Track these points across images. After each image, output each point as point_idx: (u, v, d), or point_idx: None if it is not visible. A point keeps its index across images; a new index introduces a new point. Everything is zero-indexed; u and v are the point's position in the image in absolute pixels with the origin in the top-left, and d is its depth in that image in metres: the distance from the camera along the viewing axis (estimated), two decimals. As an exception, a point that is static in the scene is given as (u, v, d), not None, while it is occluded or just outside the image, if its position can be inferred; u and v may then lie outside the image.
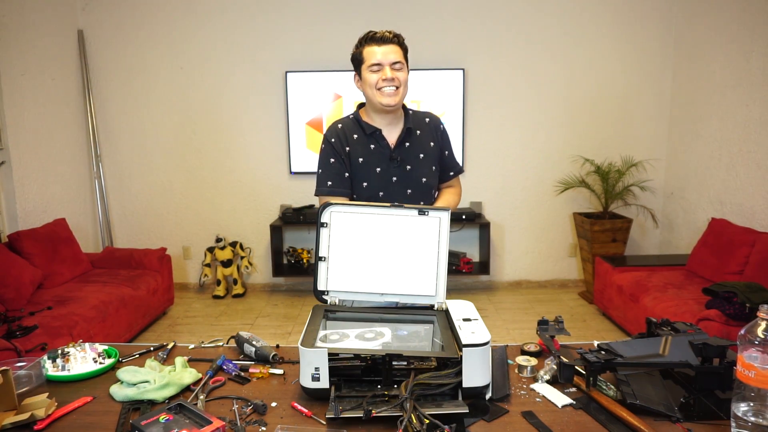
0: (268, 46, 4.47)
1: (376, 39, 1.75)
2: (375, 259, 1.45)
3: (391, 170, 1.82)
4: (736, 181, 3.74)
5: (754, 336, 0.98)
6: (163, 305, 4.13)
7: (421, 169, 1.85)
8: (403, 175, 1.83)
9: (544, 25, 4.44)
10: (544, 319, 1.43)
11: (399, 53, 1.77)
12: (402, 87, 1.77)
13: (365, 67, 1.77)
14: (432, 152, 1.88)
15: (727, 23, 3.80)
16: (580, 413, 1.15)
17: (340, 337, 1.32)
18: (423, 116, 1.93)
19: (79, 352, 1.40)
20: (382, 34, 1.76)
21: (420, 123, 1.90)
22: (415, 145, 1.86)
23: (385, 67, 1.74)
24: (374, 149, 1.83)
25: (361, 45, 1.79)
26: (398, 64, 1.76)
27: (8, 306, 3.09)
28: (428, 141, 1.89)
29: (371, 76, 1.76)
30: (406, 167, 1.83)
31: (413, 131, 1.87)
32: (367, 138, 1.83)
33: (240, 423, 1.11)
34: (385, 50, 1.75)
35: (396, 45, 1.77)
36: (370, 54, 1.76)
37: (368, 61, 1.76)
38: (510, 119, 4.59)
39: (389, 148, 1.83)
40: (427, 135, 1.89)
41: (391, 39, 1.76)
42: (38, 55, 3.94)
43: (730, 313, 2.79)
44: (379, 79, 1.74)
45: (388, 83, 1.74)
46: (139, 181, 4.69)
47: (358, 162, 1.82)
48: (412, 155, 1.85)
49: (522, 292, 4.69)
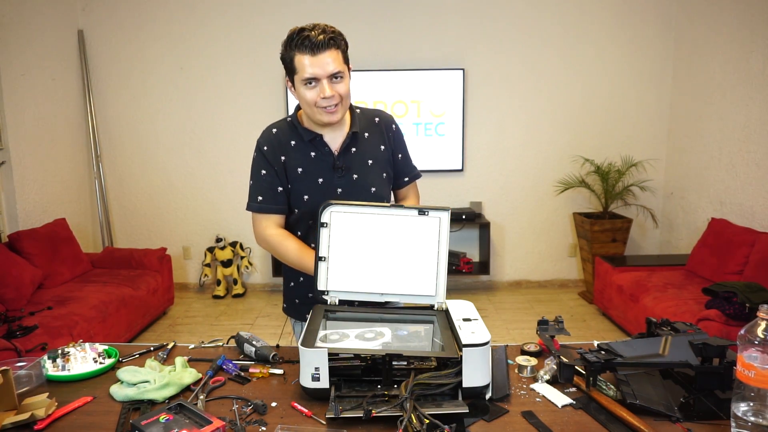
0: (268, 46, 4.47)
1: (307, 46, 1.43)
2: (375, 259, 1.45)
3: (335, 180, 1.59)
4: (736, 181, 3.74)
5: (754, 336, 0.98)
6: (163, 305, 4.13)
7: (370, 177, 1.62)
8: (349, 185, 1.60)
9: (545, 25, 4.44)
10: (544, 319, 1.43)
11: (338, 59, 1.47)
12: (345, 99, 1.52)
13: (299, 80, 1.48)
14: (382, 157, 1.65)
15: (727, 23, 3.80)
16: (580, 413, 1.15)
17: (340, 337, 1.32)
18: (372, 116, 1.68)
19: (79, 352, 1.40)
20: (316, 37, 1.43)
21: (368, 124, 1.65)
22: (362, 151, 1.62)
23: (323, 81, 1.46)
24: (315, 157, 1.59)
25: (291, 48, 1.47)
26: (338, 75, 1.48)
27: (8, 306, 3.10)
28: (378, 144, 1.65)
29: (307, 93, 1.48)
30: (352, 176, 1.60)
31: (360, 135, 1.62)
32: (306, 145, 1.59)
33: (240, 423, 1.11)
34: (322, 60, 1.44)
35: (334, 49, 1.46)
36: (303, 65, 1.45)
37: (301, 73, 1.46)
38: (510, 119, 4.59)
39: (332, 156, 1.59)
40: (376, 138, 1.65)
41: (327, 44, 1.44)
42: (38, 55, 3.94)
43: (729, 313, 2.79)
44: (318, 97, 1.48)
45: (327, 101, 1.48)
46: (139, 181, 4.69)
47: (296, 172, 1.59)
48: (358, 162, 1.61)
49: (522, 292, 4.69)
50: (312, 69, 1.45)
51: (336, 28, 1.50)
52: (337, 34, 1.48)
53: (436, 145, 4.53)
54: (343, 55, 1.50)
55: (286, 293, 1.76)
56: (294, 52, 1.46)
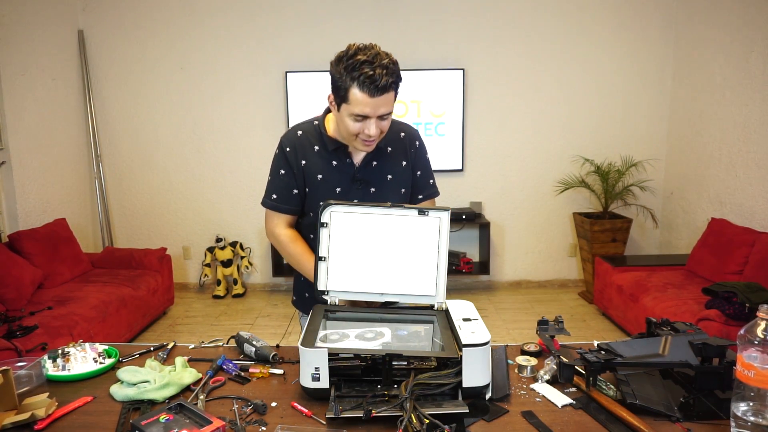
0: (268, 46, 4.47)
1: (369, 87, 1.38)
2: (375, 259, 1.45)
3: (352, 192, 1.60)
4: (736, 181, 3.74)
5: (754, 336, 0.98)
6: (163, 305, 4.13)
7: (388, 192, 1.62)
8: (366, 197, 1.61)
9: (544, 25, 4.44)
10: (544, 319, 1.43)
11: (391, 100, 1.44)
12: (384, 132, 1.51)
13: (347, 110, 1.44)
14: (403, 173, 1.65)
15: (727, 23, 3.80)
16: (580, 413, 1.15)
17: (340, 337, 1.32)
18: (398, 130, 1.65)
19: (80, 352, 1.40)
20: (379, 79, 1.37)
21: (393, 138, 1.63)
22: (383, 165, 1.62)
23: (372, 120, 1.44)
24: (336, 166, 1.59)
25: (350, 80, 1.39)
26: (387, 115, 1.46)
27: (8, 306, 3.10)
28: (400, 160, 1.64)
29: (352, 125, 1.45)
30: (369, 190, 1.61)
31: (383, 149, 1.61)
32: (329, 153, 1.58)
33: (240, 423, 1.11)
34: (378, 102, 1.40)
35: (392, 92, 1.43)
36: (357, 101, 1.40)
37: (353, 108, 1.42)
38: (510, 119, 4.59)
39: (353, 168, 1.59)
40: (399, 153, 1.64)
41: (388, 87, 1.40)
42: (38, 55, 3.94)
43: (729, 313, 2.79)
44: (361, 131, 1.46)
45: (369, 137, 1.47)
46: (139, 181, 4.69)
47: (316, 178, 1.59)
48: (378, 177, 1.61)
49: (522, 292, 4.69)
50: (365, 108, 1.41)
51: (395, 63, 1.43)
52: (397, 74, 1.43)
53: (436, 145, 4.53)
54: (396, 93, 1.46)
55: (296, 287, 1.79)
56: (351, 84, 1.39)
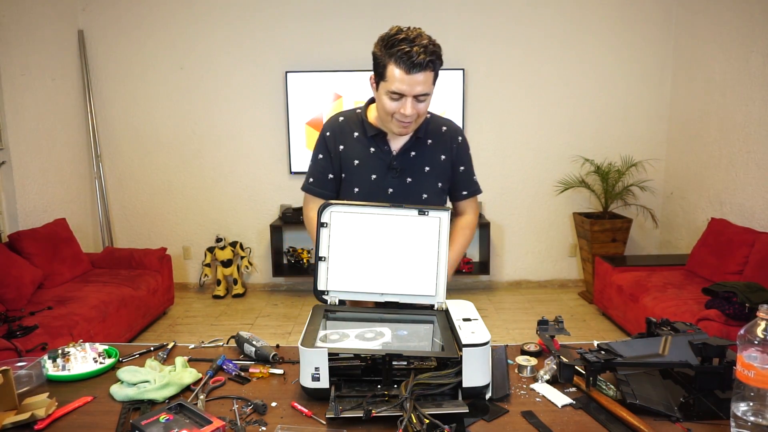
0: (268, 46, 4.47)
1: (405, 62, 1.39)
2: (375, 259, 1.45)
3: (388, 180, 1.60)
4: (736, 181, 3.74)
5: (754, 336, 0.98)
6: (163, 305, 4.13)
7: (423, 183, 1.62)
8: (400, 187, 1.61)
9: (544, 24, 4.44)
10: (544, 319, 1.43)
11: (429, 80, 1.43)
12: (420, 117, 1.52)
13: (384, 87, 1.46)
14: (441, 167, 1.64)
15: (727, 23, 3.80)
16: (580, 413, 1.15)
17: (340, 337, 1.32)
18: (440, 124, 1.66)
19: (80, 352, 1.40)
20: (417, 56, 1.38)
21: (435, 132, 1.64)
22: (421, 156, 1.62)
23: (408, 99, 1.44)
24: (373, 153, 1.61)
25: (388, 56, 1.41)
26: (424, 96, 1.45)
27: (8, 306, 3.10)
28: (439, 153, 1.63)
29: (388, 104, 1.47)
30: (405, 179, 1.61)
31: (424, 140, 1.62)
32: (368, 139, 1.61)
33: (240, 423, 1.11)
34: (414, 80, 1.41)
35: (429, 71, 1.42)
36: (394, 78, 1.42)
37: (390, 85, 1.43)
38: (510, 119, 4.59)
39: (390, 155, 1.61)
40: (439, 146, 1.64)
41: (424, 65, 1.40)
42: (38, 55, 3.94)
43: (729, 313, 2.79)
44: (398, 111, 1.47)
45: (405, 117, 1.47)
46: (139, 181, 4.69)
47: (353, 164, 1.62)
48: (415, 167, 1.62)
49: (522, 292, 4.69)
50: (401, 86, 1.42)
51: (436, 45, 1.44)
52: (437, 54, 1.43)
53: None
54: (435, 75, 1.46)
55: None
56: (389, 60, 1.42)
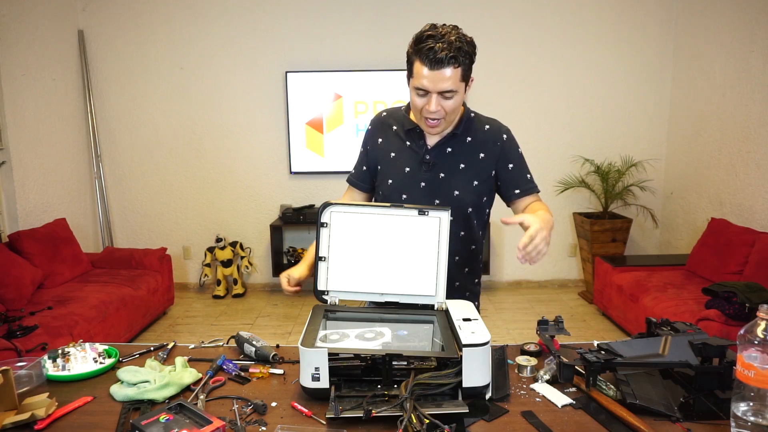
0: (268, 46, 4.47)
1: (428, 58, 1.39)
2: (375, 259, 1.45)
3: (421, 174, 1.60)
4: (736, 181, 3.74)
5: (754, 336, 0.98)
6: (163, 305, 4.13)
7: (457, 180, 1.59)
8: (433, 182, 1.59)
9: (544, 24, 4.44)
10: (544, 319, 1.43)
11: (454, 77, 1.41)
12: (449, 115, 1.49)
13: (412, 84, 1.48)
14: (478, 166, 1.60)
15: (727, 23, 3.80)
16: (579, 413, 1.15)
17: (340, 337, 1.32)
18: (484, 123, 1.65)
19: (80, 352, 1.40)
20: (439, 51, 1.37)
21: (476, 130, 1.62)
22: (458, 153, 1.60)
23: (433, 95, 1.44)
24: (409, 146, 1.62)
25: (415, 53, 1.43)
26: (450, 93, 1.43)
27: (9, 306, 3.10)
28: (478, 152, 1.60)
29: (416, 99, 1.48)
30: (438, 174, 1.59)
31: (462, 137, 1.60)
32: (406, 133, 1.63)
33: (240, 423, 1.11)
34: (437, 76, 1.40)
35: (453, 67, 1.40)
36: (419, 74, 1.43)
37: (416, 81, 1.45)
38: (510, 119, 4.50)
39: (425, 149, 1.60)
40: (478, 144, 1.61)
41: (447, 61, 1.39)
42: (38, 55, 3.94)
43: (729, 313, 2.79)
44: (423, 108, 1.47)
45: (431, 113, 1.47)
46: (139, 181, 4.69)
47: (389, 156, 1.65)
48: (450, 163, 1.59)
49: (522, 292, 4.69)
50: (425, 81, 1.42)
51: (464, 40, 1.42)
52: (463, 51, 1.41)
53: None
54: (463, 71, 1.43)
55: None
56: (415, 57, 1.43)
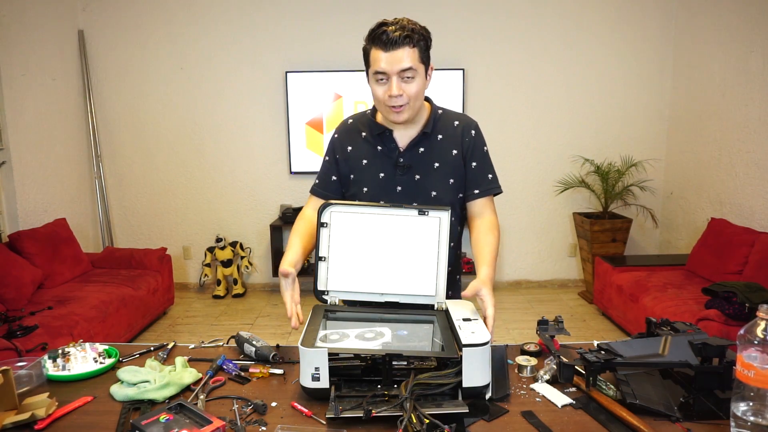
0: (268, 46, 4.47)
1: (383, 41, 1.40)
2: (375, 259, 1.45)
3: (396, 178, 1.56)
4: (736, 181, 3.74)
5: (754, 336, 0.98)
6: (163, 305, 4.13)
7: (433, 180, 1.56)
8: (409, 185, 1.55)
9: (544, 24, 4.44)
10: (544, 319, 1.43)
11: (412, 57, 1.41)
12: (412, 101, 1.46)
13: (371, 73, 1.46)
14: (452, 162, 1.57)
15: (727, 23, 3.80)
16: (579, 413, 1.15)
17: (340, 337, 1.32)
18: (452, 118, 1.61)
19: (80, 352, 1.40)
20: (392, 33, 1.39)
21: (446, 126, 1.58)
22: (431, 152, 1.56)
23: (392, 78, 1.42)
24: (380, 151, 1.57)
25: (369, 41, 1.44)
26: (409, 72, 1.42)
27: (9, 306, 3.10)
28: (450, 149, 1.57)
29: (376, 88, 1.46)
30: (414, 176, 1.55)
31: (432, 136, 1.57)
32: (375, 138, 1.57)
33: (240, 423, 1.11)
34: (393, 57, 1.40)
35: (409, 47, 1.41)
36: (375, 59, 1.42)
37: (373, 67, 1.44)
38: (510, 119, 4.59)
39: (397, 152, 1.56)
40: (450, 141, 1.57)
41: (401, 41, 1.39)
42: (38, 55, 3.94)
43: (729, 313, 2.79)
44: (385, 94, 1.44)
45: (394, 99, 1.43)
46: (139, 181, 4.69)
47: (361, 164, 1.58)
48: (423, 163, 1.56)
49: (522, 292, 4.69)
50: (382, 64, 1.41)
51: (418, 25, 1.46)
52: (416, 32, 1.43)
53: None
54: (420, 53, 1.44)
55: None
56: (371, 45, 1.44)
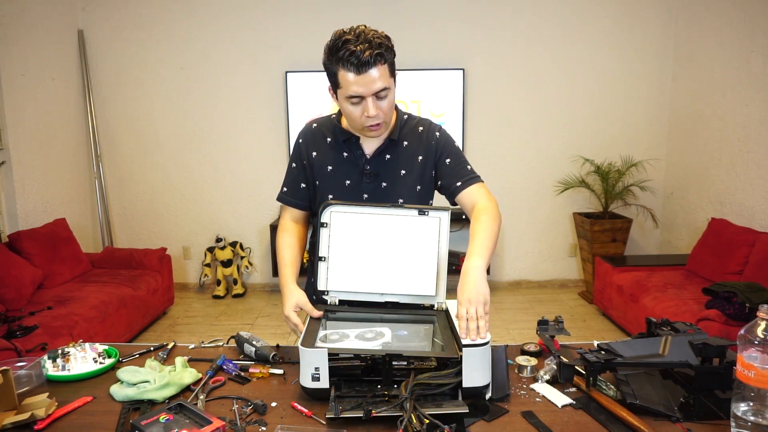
0: (268, 46, 4.47)
1: (353, 63, 1.32)
2: (375, 259, 1.45)
3: (362, 185, 1.54)
4: (736, 181, 3.74)
5: (754, 336, 0.98)
6: (163, 305, 4.13)
7: (400, 188, 1.55)
8: (376, 192, 1.54)
9: (544, 24, 4.44)
10: (544, 319, 1.43)
11: (384, 75, 1.36)
12: (387, 115, 1.44)
13: (342, 95, 1.39)
14: (418, 169, 1.55)
15: (727, 23, 3.80)
16: (580, 413, 1.15)
17: (340, 337, 1.32)
18: (416, 124, 1.59)
19: (79, 352, 1.40)
20: (362, 53, 1.31)
21: (411, 132, 1.57)
22: (397, 159, 1.55)
23: (367, 99, 1.37)
24: (346, 158, 1.54)
25: (335, 61, 1.35)
26: (384, 91, 1.38)
27: (8, 306, 3.10)
28: (415, 155, 1.55)
29: (351, 109, 1.41)
30: (380, 184, 1.54)
31: (399, 142, 1.55)
32: (341, 144, 1.55)
33: (240, 423, 1.11)
34: (367, 78, 1.34)
35: (380, 65, 1.35)
36: (347, 82, 1.35)
37: (345, 90, 1.37)
38: (510, 119, 4.58)
39: (363, 159, 1.54)
40: (415, 147, 1.56)
41: (373, 61, 1.33)
42: (38, 55, 3.94)
43: (729, 313, 2.79)
44: (362, 115, 1.40)
45: (371, 119, 1.41)
46: (139, 181, 4.69)
47: (326, 170, 1.55)
48: (389, 170, 1.54)
49: (522, 292, 4.69)
50: (356, 87, 1.35)
51: (382, 37, 1.37)
52: (384, 47, 1.35)
53: (436, 145, 4.53)
54: (389, 67, 1.39)
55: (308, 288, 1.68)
56: (338, 66, 1.35)
